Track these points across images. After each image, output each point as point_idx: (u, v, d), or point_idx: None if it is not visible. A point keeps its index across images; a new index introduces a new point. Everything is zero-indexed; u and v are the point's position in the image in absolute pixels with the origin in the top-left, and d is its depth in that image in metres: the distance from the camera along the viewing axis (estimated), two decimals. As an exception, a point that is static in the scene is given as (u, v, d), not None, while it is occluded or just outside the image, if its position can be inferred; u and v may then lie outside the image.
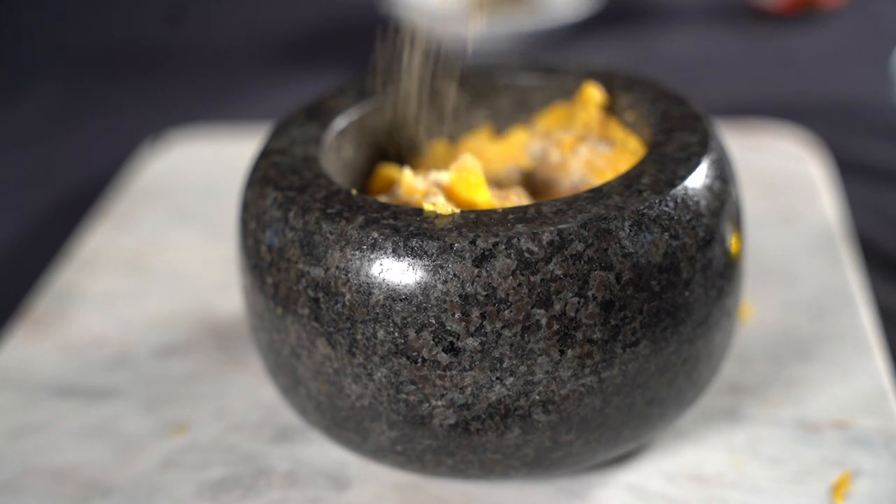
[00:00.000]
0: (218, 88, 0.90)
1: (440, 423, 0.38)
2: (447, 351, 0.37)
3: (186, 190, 0.68)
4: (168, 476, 0.45)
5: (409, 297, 0.37)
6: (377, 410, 0.39)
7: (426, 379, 0.37)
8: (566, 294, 0.36)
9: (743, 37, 0.94)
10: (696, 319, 0.39)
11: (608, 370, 0.38)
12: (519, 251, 0.36)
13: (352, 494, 0.44)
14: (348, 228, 0.38)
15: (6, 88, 0.93)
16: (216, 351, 0.53)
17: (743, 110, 0.77)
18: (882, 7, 0.98)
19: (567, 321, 0.37)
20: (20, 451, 0.47)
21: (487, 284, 0.36)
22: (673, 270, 0.38)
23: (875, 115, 0.78)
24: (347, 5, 1.05)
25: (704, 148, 0.41)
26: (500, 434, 0.38)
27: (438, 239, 0.36)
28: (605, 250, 0.37)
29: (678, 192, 0.39)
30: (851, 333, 0.51)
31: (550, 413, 0.38)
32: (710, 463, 0.44)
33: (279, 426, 0.48)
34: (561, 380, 0.37)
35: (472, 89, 0.49)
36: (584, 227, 0.37)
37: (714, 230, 0.39)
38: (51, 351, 0.54)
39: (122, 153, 0.77)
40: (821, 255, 0.57)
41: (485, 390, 0.37)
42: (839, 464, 0.44)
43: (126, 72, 0.96)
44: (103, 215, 0.65)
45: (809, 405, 0.47)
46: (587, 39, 0.93)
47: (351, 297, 0.37)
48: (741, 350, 0.50)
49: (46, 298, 0.58)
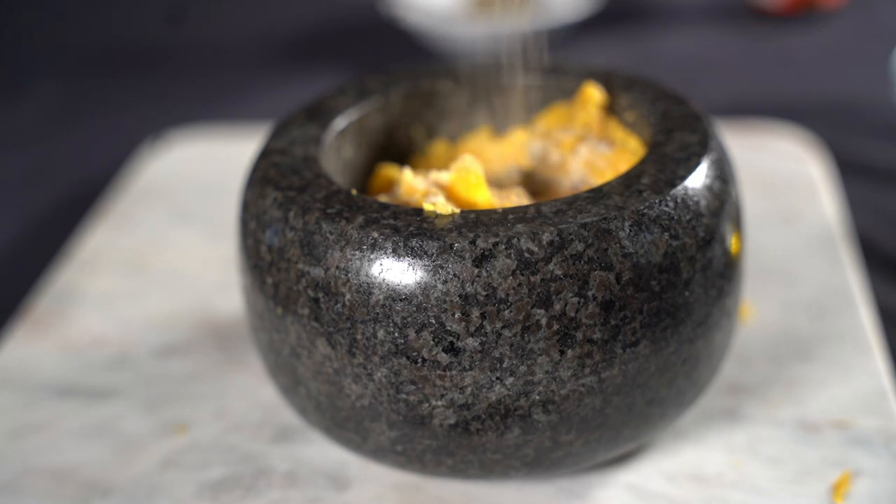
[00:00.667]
0: (218, 88, 0.90)
1: (440, 423, 0.38)
2: (447, 351, 0.37)
3: (186, 190, 0.68)
4: (168, 476, 0.45)
5: (409, 297, 0.37)
6: (377, 410, 0.39)
7: (426, 379, 0.37)
8: (566, 294, 0.36)
9: (743, 37, 0.94)
10: (696, 319, 0.39)
11: (608, 370, 0.38)
12: (519, 251, 0.36)
13: (352, 494, 0.44)
14: (348, 228, 0.38)
15: (6, 88, 0.93)
16: (216, 351, 0.53)
17: (743, 110, 0.77)
18: (882, 7, 0.98)
19: (567, 321, 0.37)
20: (20, 451, 0.47)
21: (487, 284, 0.36)
22: (673, 270, 0.38)
23: (875, 115, 0.78)
24: (347, 5, 1.05)
25: (704, 148, 0.41)
26: (500, 434, 0.38)
27: (438, 239, 0.36)
28: (605, 250, 0.37)
29: (678, 192, 0.39)
30: (851, 333, 0.51)
31: (550, 413, 0.38)
32: (710, 463, 0.44)
33: (279, 426, 0.48)
34: (561, 380, 0.37)
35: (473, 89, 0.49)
36: (584, 227, 0.37)
37: (714, 230, 0.39)
38: (51, 351, 0.54)
39: (122, 153, 0.77)
40: (821, 255, 0.57)
41: (485, 390, 0.37)
42: (839, 464, 0.44)
43: (126, 72, 0.96)
44: (103, 215, 0.65)
45: (809, 405, 0.47)
46: (587, 39, 0.93)
47: (351, 297, 0.37)
48: (741, 350, 0.50)
49: (46, 298, 0.58)
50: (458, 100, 0.49)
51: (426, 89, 0.49)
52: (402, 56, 0.91)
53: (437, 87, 0.49)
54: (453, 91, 0.49)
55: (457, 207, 0.39)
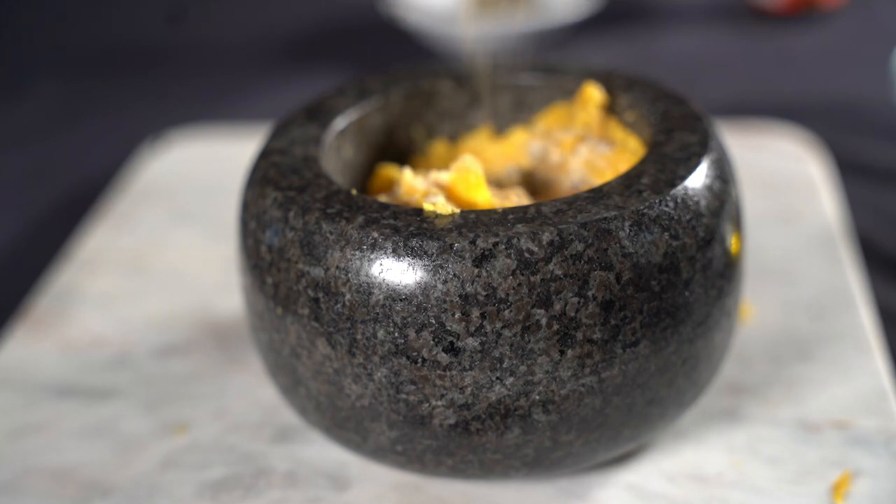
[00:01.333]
0: (218, 88, 0.90)
1: (440, 423, 0.38)
2: (447, 351, 0.37)
3: (186, 190, 0.68)
4: (168, 476, 0.45)
5: (409, 297, 0.37)
6: (377, 410, 0.39)
7: (426, 379, 0.37)
8: (566, 294, 0.36)
9: (743, 37, 0.94)
10: (696, 319, 0.39)
11: (608, 370, 0.38)
12: (519, 251, 0.36)
13: (352, 494, 0.44)
14: (348, 228, 0.38)
15: (6, 88, 0.93)
16: (216, 351, 0.53)
17: (743, 110, 0.77)
18: (882, 7, 0.98)
19: (567, 321, 0.37)
20: (20, 451, 0.47)
21: (487, 284, 0.36)
22: (673, 270, 0.38)
23: (875, 115, 0.78)
24: (347, 5, 1.05)
25: (704, 148, 0.41)
26: (500, 434, 0.38)
27: (438, 239, 0.36)
28: (605, 250, 0.37)
29: (678, 192, 0.39)
30: (851, 333, 0.51)
31: (550, 413, 0.38)
32: (710, 463, 0.44)
33: (279, 426, 0.48)
34: (561, 380, 0.37)
35: (472, 89, 0.49)
36: (584, 227, 0.37)
37: (714, 230, 0.39)
38: (51, 351, 0.54)
39: (122, 153, 0.77)
40: (821, 255, 0.57)
41: (485, 390, 0.37)
42: (839, 464, 0.44)
43: (126, 72, 0.96)
44: (103, 215, 0.65)
45: (809, 405, 0.47)
46: (587, 39, 0.93)
47: (351, 297, 0.37)
48: (741, 350, 0.50)
49: (46, 298, 0.58)
50: (458, 100, 0.49)
51: (426, 89, 0.49)
52: (402, 56, 0.91)
53: (437, 87, 0.49)
54: (453, 91, 0.49)
55: (457, 207, 0.39)
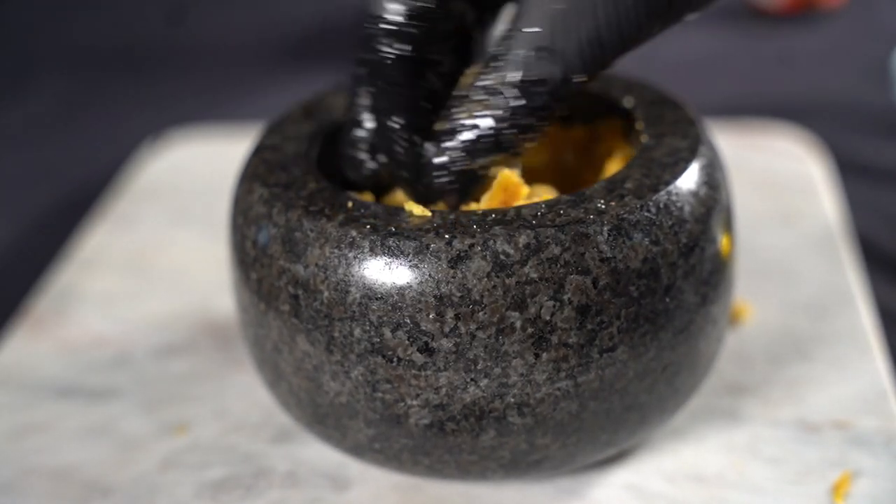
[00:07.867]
0: (218, 88, 0.90)
1: (416, 422, 0.38)
2: (422, 351, 0.37)
3: (186, 190, 0.68)
4: (168, 476, 0.45)
5: (385, 296, 0.36)
6: (355, 408, 0.39)
7: (401, 378, 0.37)
8: (541, 297, 0.36)
9: (743, 37, 0.94)
10: (678, 326, 0.39)
11: (584, 375, 0.37)
12: (494, 253, 0.36)
13: (352, 494, 0.44)
14: (328, 226, 0.38)
15: (6, 88, 0.93)
16: (216, 351, 0.53)
17: (743, 110, 0.77)
18: (882, 7, 0.98)
19: (542, 324, 0.36)
20: (20, 451, 0.47)
21: (462, 286, 0.36)
22: (653, 276, 0.37)
23: (875, 115, 0.78)
24: (347, 5, 1.05)
25: (693, 153, 0.41)
26: (475, 435, 0.38)
27: (415, 239, 0.36)
28: (582, 254, 0.36)
29: (661, 197, 0.38)
30: (851, 333, 0.51)
31: (525, 416, 0.38)
32: (710, 463, 0.44)
33: (279, 426, 0.48)
34: (536, 383, 0.37)
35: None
36: (562, 230, 0.36)
37: (698, 237, 0.39)
38: (51, 351, 0.54)
39: (122, 153, 0.76)
40: (821, 255, 0.57)
41: (459, 391, 0.37)
42: (839, 464, 0.44)
43: (126, 72, 0.96)
44: (103, 215, 0.65)
45: (809, 405, 0.47)
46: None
47: (329, 295, 0.37)
48: (741, 350, 0.50)
49: (46, 298, 0.58)
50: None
51: None
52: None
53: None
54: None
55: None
